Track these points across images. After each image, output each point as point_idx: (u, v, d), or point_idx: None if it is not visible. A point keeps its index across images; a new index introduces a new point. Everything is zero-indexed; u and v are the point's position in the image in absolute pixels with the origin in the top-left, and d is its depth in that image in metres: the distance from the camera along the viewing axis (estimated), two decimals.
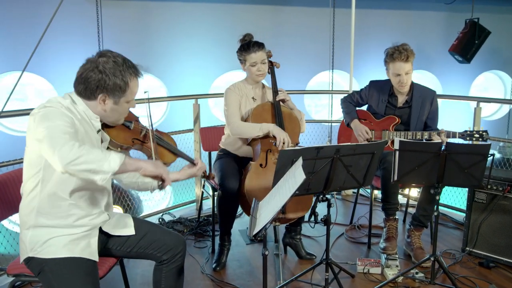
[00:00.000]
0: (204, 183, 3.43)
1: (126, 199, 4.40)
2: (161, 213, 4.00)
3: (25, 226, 1.88)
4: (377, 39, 7.32)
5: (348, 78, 4.94)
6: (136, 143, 2.05)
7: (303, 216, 3.11)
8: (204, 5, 6.61)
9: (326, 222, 2.52)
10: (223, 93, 3.15)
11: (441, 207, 4.03)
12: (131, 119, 2.09)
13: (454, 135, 3.09)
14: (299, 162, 2.06)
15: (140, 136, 2.08)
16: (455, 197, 4.34)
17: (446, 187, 2.83)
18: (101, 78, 1.82)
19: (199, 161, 2.23)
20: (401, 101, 3.32)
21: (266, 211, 2.01)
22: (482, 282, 2.87)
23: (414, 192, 4.18)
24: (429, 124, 3.31)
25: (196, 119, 4.17)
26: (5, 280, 2.57)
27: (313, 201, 2.51)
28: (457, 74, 7.76)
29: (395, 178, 2.60)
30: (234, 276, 2.98)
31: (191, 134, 4.24)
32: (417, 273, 2.88)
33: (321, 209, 2.43)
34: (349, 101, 3.53)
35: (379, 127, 3.35)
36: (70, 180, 1.84)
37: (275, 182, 2.24)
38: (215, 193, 3.17)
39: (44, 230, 1.86)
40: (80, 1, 5.79)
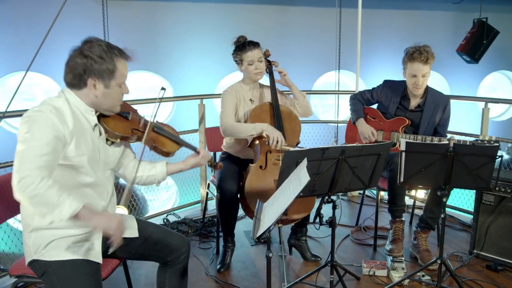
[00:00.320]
0: (208, 184, 3.41)
1: (130, 200, 4.39)
2: (166, 214, 3.98)
3: (28, 228, 1.87)
4: (383, 39, 7.29)
5: (354, 78, 4.91)
6: (136, 133, 2.03)
7: (308, 217, 3.09)
8: (210, 5, 6.60)
9: (331, 224, 2.50)
10: None
11: (448, 209, 3.99)
12: (129, 110, 2.07)
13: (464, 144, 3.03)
14: (303, 163, 2.04)
15: (139, 126, 2.06)
16: (462, 199, 4.30)
17: (454, 189, 2.79)
18: (87, 62, 1.80)
19: (201, 150, 2.20)
20: (413, 104, 3.28)
21: (270, 212, 1.99)
22: (490, 285, 2.83)
23: (421, 194, 4.14)
24: (439, 131, 3.27)
25: (201, 119, 4.15)
26: (8, 281, 2.57)
27: (317, 202, 2.49)
28: (465, 74, 7.71)
29: (402, 179, 2.57)
30: (238, 277, 2.96)
31: (196, 134, 4.22)
32: (423, 276, 2.85)
33: (327, 210, 2.42)
34: (359, 99, 3.48)
35: (388, 127, 3.31)
36: (65, 181, 1.82)
37: (279, 183, 2.22)
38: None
39: (47, 232, 1.84)
40: (86, 1, 5.81)
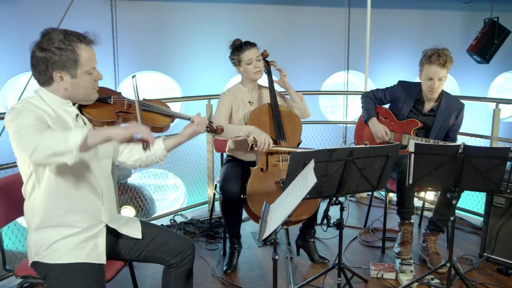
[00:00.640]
0: (216, 185, 3.39)
1: (138, 200, 4.40)
2: (173, 214, 3.98)
3: (30, 229, 1.86)
4: (393, 39, 7.23)
5: (363, 78, 4.87)
6: (121, 115, 1.99)
7: (316, 219, 3.07)
8: (219, 5, 6.59)
9: (339, 226, 2.48)
10: None
11: (457, 211, 3.94)
12: (109, 94, 2.03)
13: None
14: (311, 165, 2.02)
15: (124, 108, 2.01)
16: (472, 201, 4.24)
17: (464, 190, 2.76)
18: (46, 56, 1.76)
19: (196, 117, 2.14)
20: (427, 108, 3.23)
21: (277, 214, 1.97)
22: None
23: (430, 196, 4.10)
24: (450, 135, 3.23)
25: (209, 119, 4.13)
26: (14, 281, 2.57)
27: (325, 204, 2.46)
28: (475, 74, 7.62)
29: (411, 181, 2.54)
30: (245, 279, 2.95)
31: (203, 135, 4.21)
32: (432, 279, 2.81)
33: (335, 212, 2.39)
34: (371, 97, 3.44)
35: (400, 129, 3.27)
36: (60, 179, 1.80)
37: (286, 185, 2.20)
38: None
39: (48, 233, 1.83)
40: (95, 1, 5.82)
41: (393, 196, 4.11)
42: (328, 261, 3.12)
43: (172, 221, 3.78)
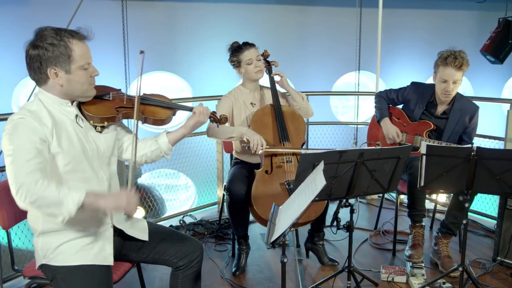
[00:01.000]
0: (225, 185, 3.37)
1: (147, 201, 4.40)
2: (182, 215, 3.96)
3: (35, 232, 1.87)
4: (405, 39, 7.16)
5: (375, 79, 4.83)
6: (121, 110, 1.98)
7: (324, 221, 3.04)
8: (229, 5, 6.58)
9: (349, 228, 2.45)
10: None
11: (470, 214, 3.88)
12: (108, 91, 2.03)
13: None
14: (320, 167, 1.99)
15: (123, 103, 2.01)
16: (485, 204, 4.18)
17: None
18: (39, 53, 1.76)
19: (197, 107, 2.13)
20: (440, 110, 3.17)
21: (285, 216, 1.95)
22: None
23: (442, 198, 4.04)
24: (465, 139, 3.16)
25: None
26: (23, 281, 2.58)
27: (335, 206, 2.43)
28: (489, 75, 7.51)
29: (422, 184, 2.49)
30: (253, 281, 2.92)
31: None
32: (444, 283, 2.76)
33: (345, 213, 2.36)
34: (384, 97, 3.39)
35: (412, 130, 3.22)
36: (65, 181, 1.80)
37: (295, 187, 2.17)
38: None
39: (54, 236, 1.83)
40: (106, 2, 5.84)
41: (404, 198, 4.06)
42: (338, 264, 3.09)
43: (181, 221, 3.76)
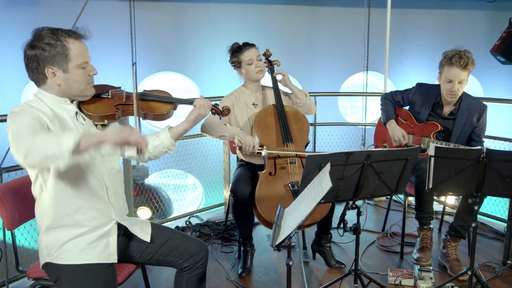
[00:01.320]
0: (231, 187, 3.36)
1: (154, 201, 4.39)
2: (189, 216, 3.95)
3: (40, 230, 1.87)
4: (413, 40, 7.11)
5: (383, 79, 4.79)
6: (121, 108, 1.98)
7: (331, 223, 3.01)
8: (237, 6, 6.57)
9: (356, 231, 2.42)
10: None
11: (480, 216, 3.83)
12: (107, 89, 2.02)
13: None
14: (326, 169, 1.97)
15: (123, 100, 2.00)
16: (495, 206, 4.12)
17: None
18: (36, 53, 1.77)
19: (198, 100, 2.12)
20: (446, 111, 3.13)
21: (291, 219, 1.93)
22: None
23: (451, 200, 3.99)
24: (474, 139, 3.12)
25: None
26: (27, 282, 2.58)
27: (342, 208, 2.41)
28: (499, 76, 7.43)
29: (430, 186, 2.46)
30: (259, 283, 2.90)
31: None
32: (452, 286, 2.73)
33: (353, 216, 2.34)
34: (390, 99, 3.36)
35: (419, 132, 3.19)
36: (65, 178, 1.80)
37: (301, 189, 2.15)
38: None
39: (58, 233, 1.83)
40: (113, 3, 5.86)
41: (412, 199, 4.02)
42: (345, 266, 3.06)
43: (188, 222, 3.75)
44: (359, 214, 2.40)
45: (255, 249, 3.12)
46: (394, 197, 4.14)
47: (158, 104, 2.09)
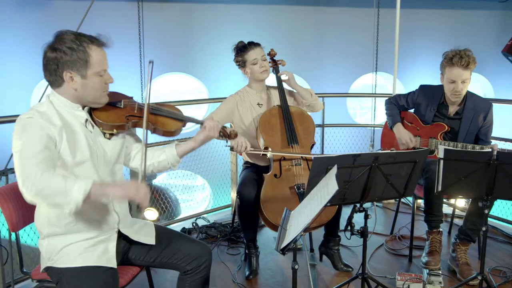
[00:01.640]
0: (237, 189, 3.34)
1: (160, 202, 4.38)
2: (195, 218, 3.93)
3: (41, 235, 1.86)
4: (423, 40, 7.04)
5: (392, 80, 4.74)
6: (131, 119, 1.97)
7: (338, 225, 2.97)
8: (245, 6, 6.56)
9: (363, 234, 2.38)
10: None
11: (490, 219, 3.77)
12: (120, 98, 2.01)
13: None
14: (333, 171, 1.94)
15: (134, 112, 1.99)
16: (506, 209, 4.05)
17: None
18: (57, 55, 1.76)
19: (207, 121, 2.11)
20: (451, 111, 3.10)
21: (297, 222, 1.90)
22: None
23: (461, 202, 3.93)
24: (481, 138, 3.08)
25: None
26: (31, 284, 2.57)
27: (339, 207, 2.37)
28: (510, 76, 7.35)
29: (439, 189, 2.41)
30: (266, 286, 2.87)
31: None
32: None
33: (361, 218, 2.31)
34: (394, 103, 3.33)
35: (426, 133, 3.14)
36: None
37: (308, 191, 2.12)
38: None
39: (59, 238, 1.83)
40: (122, 3, 5.87)
41: (421, 202, 3.97)
42: (352, 270, 3.02)
43: (194, 224, 3.73)
44: (366, 217, 2.37)
45: (260, 251, 3.09)
46: (403, 200, 4.09)
47: (169, 120, 2.08)
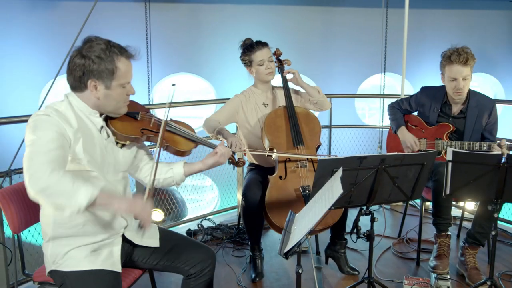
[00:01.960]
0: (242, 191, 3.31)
1: (166, 203, 4.36)
2: (201, 219, 3.91)
3: (46, 237, 1.85)
4: (432, 41, 6.98)
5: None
6: (146, 133, 1.96)
7: (344, 228, 2.93)
8: (253, 6, 6.54)
9: (369, 237, 2.34)
10: None
11: (499, 222, 3.71)
12: (138, 110, 2.00)
13: None
14: (338, 174, 1.90)
15: (150, 126, 1.99)
16: None
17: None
18: (85, 63, 1.74)
19: (219, 147, 2.11)
20: (455, 110, 3.06)
21: (301, 226, 1.87)
22: None
23: (470, 205, 3.87)
24: (487, 136, 3.05)
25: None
26: (33, 286, 2.56)
27: (345, 210, 2.34)
28: None
29: (448, 191, 2.37)
30: None
31: None
32: None
33: (368, 220, 2.27)
34: (397, 108, 3.31)
35: (431, 135, 3.11)
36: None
37: (312, 194, 2.09)
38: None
39: (64, 241, 1.81)
40: (129, 4, 5.87)
41: (429, 204, 3.92)
42: (359, 273, 2.97)
43: (199, 226, 3.71)
44: (372, 220, 2.33)
45: (265, 253, 3.06)
46: (411, 202, 4.04)
47: (183, 139, 2.07)
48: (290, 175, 2.75)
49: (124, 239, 1.95)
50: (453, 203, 3.35)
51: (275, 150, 2.79)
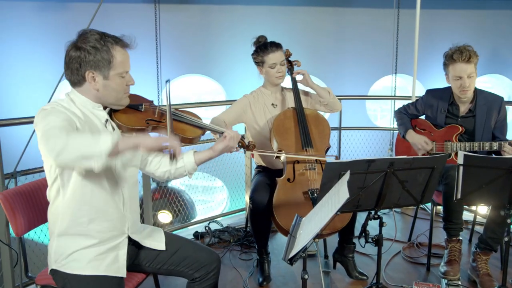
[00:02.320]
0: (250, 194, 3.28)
1: (174, 205, 4.35)
2: (208, 221, 3.88)
3: (52, 234, 1.83)
4: (444, 42, 6.87)
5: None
6: (151, 124, 1.94)
7: (353, 232, 2.89)
8: (262, 7, 6.52)
9: (378, 242, 2.29)
10: None
11: None
12: (141, 101, 1.99)
13: None
14: (345, 178, 1.86)
15: (154, 116, 1.97)
16: None
17: None
18: (80, 55, 1.73)
19: (227, 131, 2.08)
20: (463, 110, 3.02)
21: (307, 230, 1.83)
22: None
23: (482, 209, 3.80)
24: (497, 135, 3.00)
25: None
26: None
27: (354, 214, 2.29)
28: None
29: (459, 196, 2.31)
30: None
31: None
32: None
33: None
34: (404, 113, 3.28)
35: (440, 137, 3.05)
36: (85, 186, 1.76)
37: (320, 197, 2.05)
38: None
39: (69, 241, 1.79)
40: (139, 5, 5.88)
41: (440, 208, 3.84)
42: (367, 278, 2.93)
43: (207, 228, 3.68)
44: (381, 224, 2.28)
45: (272, 257, 3.03)
46: (421, 205, 3.97)
47: (189, 127, 2.05)
48: (298, 177, 2.71)
49: (130, 242, 1.92)
50: (465, 207, 3.29)
51: (283, 152, 2.76)
